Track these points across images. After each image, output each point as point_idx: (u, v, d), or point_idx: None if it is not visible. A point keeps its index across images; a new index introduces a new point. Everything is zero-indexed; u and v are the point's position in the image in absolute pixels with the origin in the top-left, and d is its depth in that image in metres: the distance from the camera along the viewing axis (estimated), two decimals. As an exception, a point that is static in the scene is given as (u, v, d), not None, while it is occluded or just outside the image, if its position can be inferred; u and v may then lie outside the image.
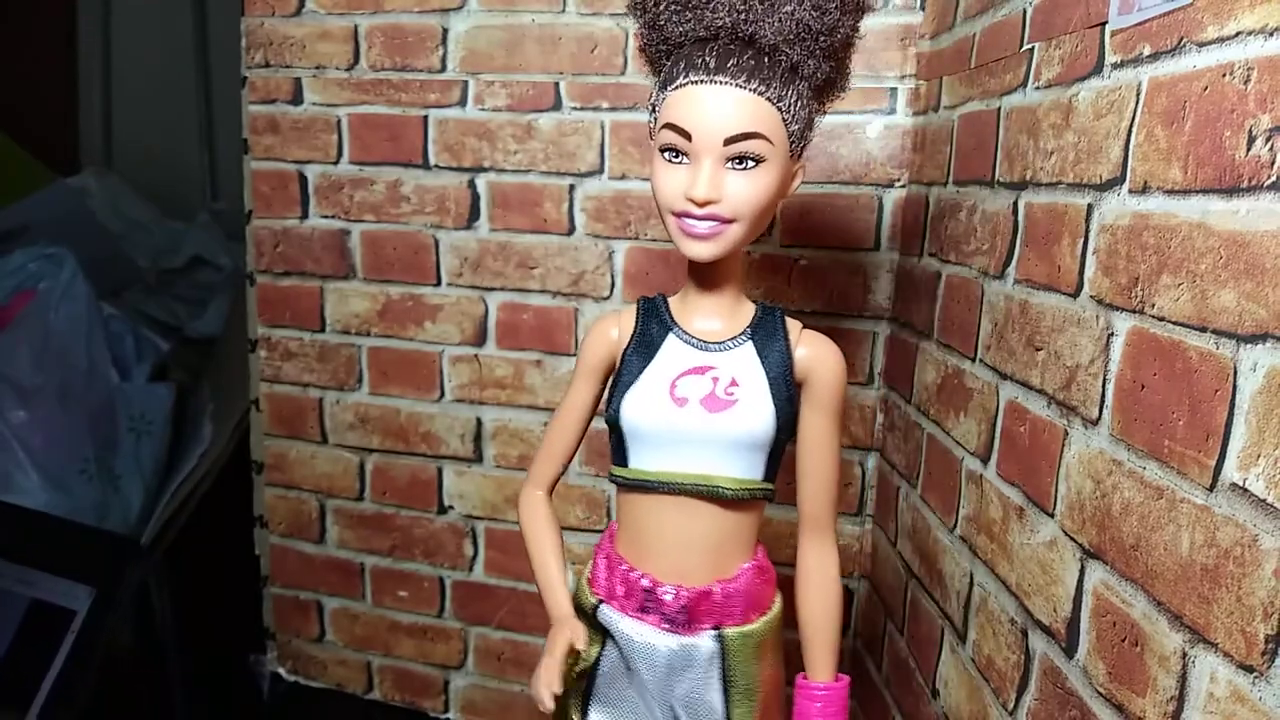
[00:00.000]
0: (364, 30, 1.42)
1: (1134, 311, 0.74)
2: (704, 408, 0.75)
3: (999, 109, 0.97)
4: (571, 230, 1.38)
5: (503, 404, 1.45)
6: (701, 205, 0.71)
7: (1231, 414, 0.58)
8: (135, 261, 2.48)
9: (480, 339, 1.45)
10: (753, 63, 0.69)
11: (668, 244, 1.34)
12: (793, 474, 0.82)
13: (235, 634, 1.69)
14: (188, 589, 1.65)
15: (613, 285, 1.36)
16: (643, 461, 0.78)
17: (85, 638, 1.32)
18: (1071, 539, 0.78)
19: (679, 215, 0.73)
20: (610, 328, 0.81)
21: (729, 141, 0.70)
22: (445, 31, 1.38)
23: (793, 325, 0.80)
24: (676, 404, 0.75)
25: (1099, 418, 0.76)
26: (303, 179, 1.49)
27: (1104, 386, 0.77)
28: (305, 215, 1.50)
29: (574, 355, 1.40)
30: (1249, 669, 0.55)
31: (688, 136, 0.70)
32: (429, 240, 1.45)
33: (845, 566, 1.37)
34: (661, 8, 0.73)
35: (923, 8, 1.23)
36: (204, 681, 1.57)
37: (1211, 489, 0.61)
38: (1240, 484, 0.57)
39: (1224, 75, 0.60)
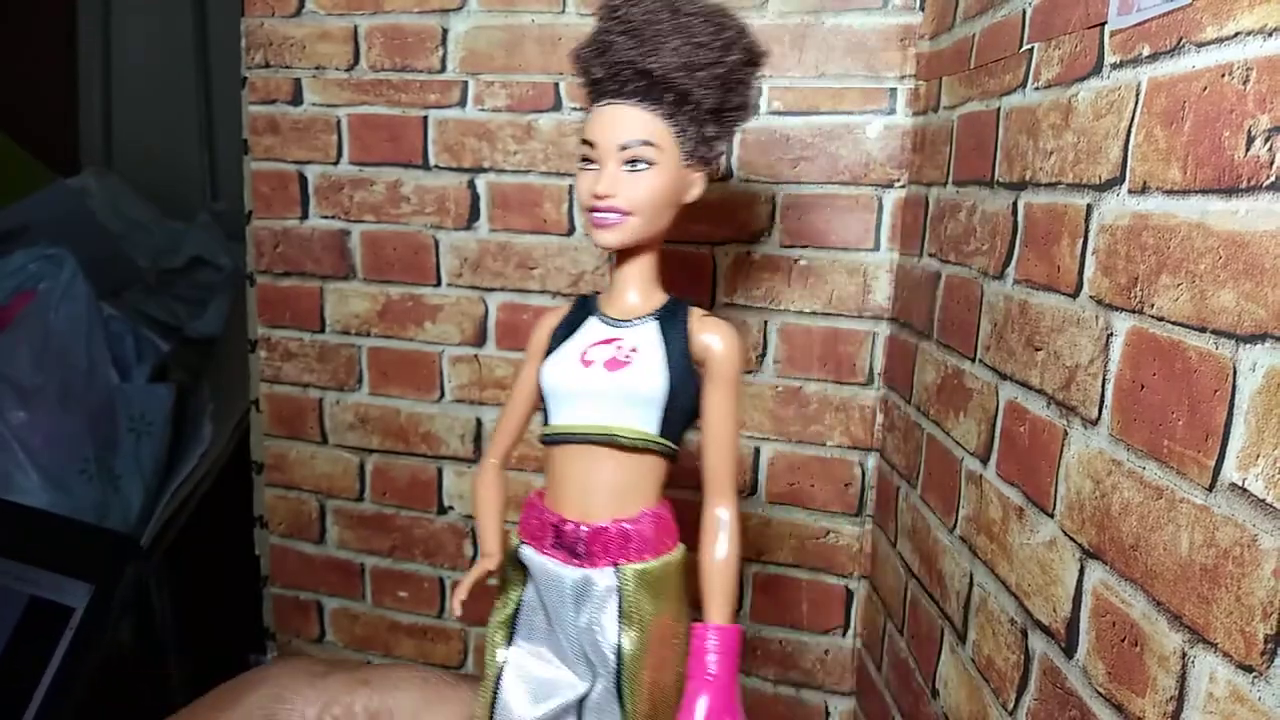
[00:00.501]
0: (364, 31, 1.42)
1: (1133, 311, 0.74)
2: (605, 368, 0.88)
3: (998, 109, 0.97)
4: (571, 231, 1.38)
5: (503, 404, 1.44)
6: (602, 199, 0.86)
7: (1231, 414, 0.58)
8: (135, 261, 2.48)
9: (480, 339, 1.45)
10: (645, 89, 0.86)
11: (667, 244, 1.33)
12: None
13: (235, 634, 1.69)
14: (188, 589, 1.66)
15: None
16: (558, 417, 0.91)
17: (83, 635, 1.32)
18: (1071, 539, 0.78)
19: (590, 210, 0.88)
20: (549, 318, 0.97)
21: (623, 147, 0.86)
22: (445, 32, 1.38)
23: (695, 312, 0.91)
24: (584, 365, 0.89)
25: (1098, 418, 0.76)
26: (302, 179, 1.49)
27: (1103, 386, 0.77)
28: (305, 216, 1.50)
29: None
30: (1248, 669, 0.55)
31: (593, 146, 0.88)
32: (429, 240, 1.45)
33: (846, 566, 1.37)
34: (587, 57, 0.90)
35: (922, 8, 1.23)
36: (204, 681, 1.57)
37: (1211, 489, 0.61)
38: (1239, 484, 0.57)
39: (1223, 75, 0.60)
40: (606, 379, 0.88)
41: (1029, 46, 0.91)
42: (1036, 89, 0.89)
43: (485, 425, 1.46)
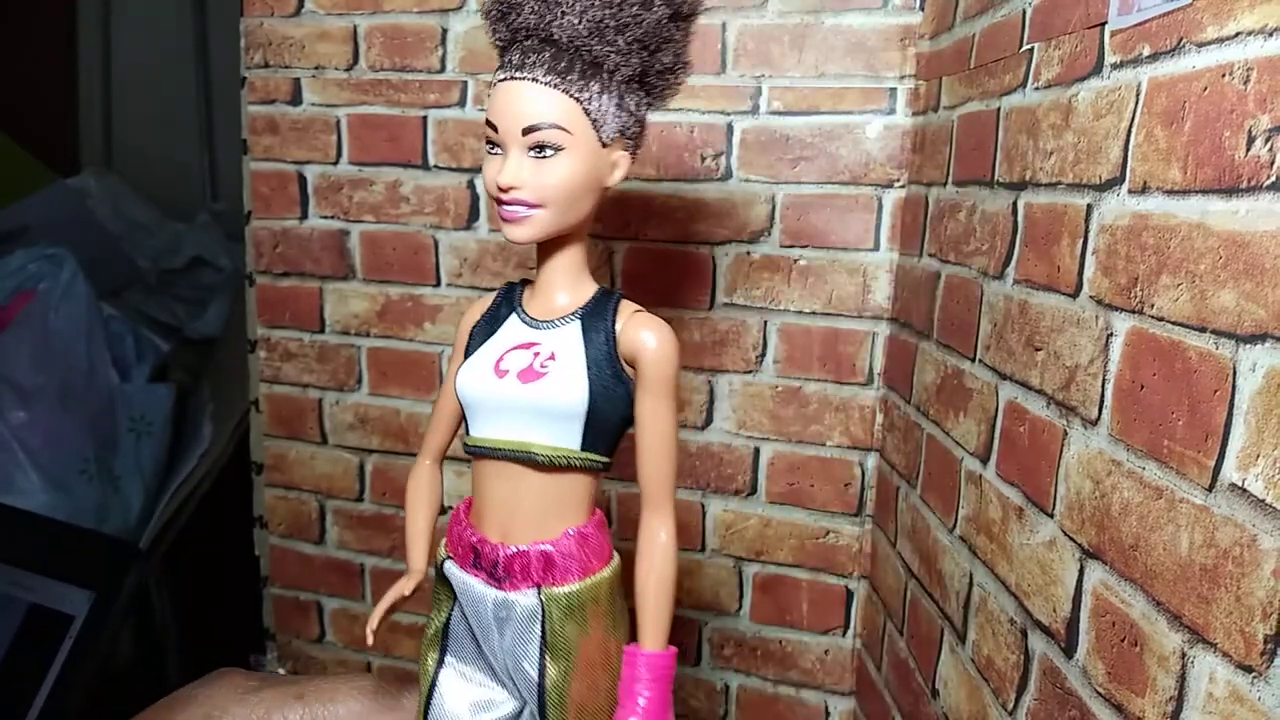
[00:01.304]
0: (363, 31, 1.42)
1: (1133, 312, 0.74)
2: (519, 379, 0.81)
3: (998, 109, 0.97)
4: (571, 230, 1.38)
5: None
6: (505, 191, 0.77)
7: (1231, 414, 0.58)
8: (135, 262, 2.48)
9: (480, 339, 1.45)
10: (551, 59, 0.76)
11: (667, 244, 1.34)
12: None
13: (235, 635, 1.69)
14: (187, 589, 1.66)
15: (612, 285, 1.36)
16: (476, 428, 0.85)
17: (83, 643, 1.32)
18: (1071, 539, 0.78)
19: (496, 202, 0.79)
20: (473, 310, 0.90)
21: (526, 132, 0.76)
22: (444, 32, 1.38)
23: (625, 308, 0.83)
24: (498, 376, 0.82)
25: (1098, 418, 0.76)
26: (302, 179, 1.49)
27: (1103, 387, 0.77)
28: (305, 216, 1.50)
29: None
30: (1248, 669, 0.55)
31: (495, 129, 0.78)
32: (428, 241, 1.45)
33: (845, 566, 1.37)
34: (490, 15, 0.81)
35: (922, 8, 1.23)
36: (204, 682, 1.57)
37: (1210, 489, 0.61)
38: (1239, 484, 0.57)
39: (1223, 75, 0.60)
40: (520, 392, 0.80)
41: (1029, 46, 0.91)
42: (1036, 89, 0.89)
43: (485, 425, 1.46)
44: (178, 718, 0.90)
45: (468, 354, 0.86)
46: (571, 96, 0.76)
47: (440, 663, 0.89)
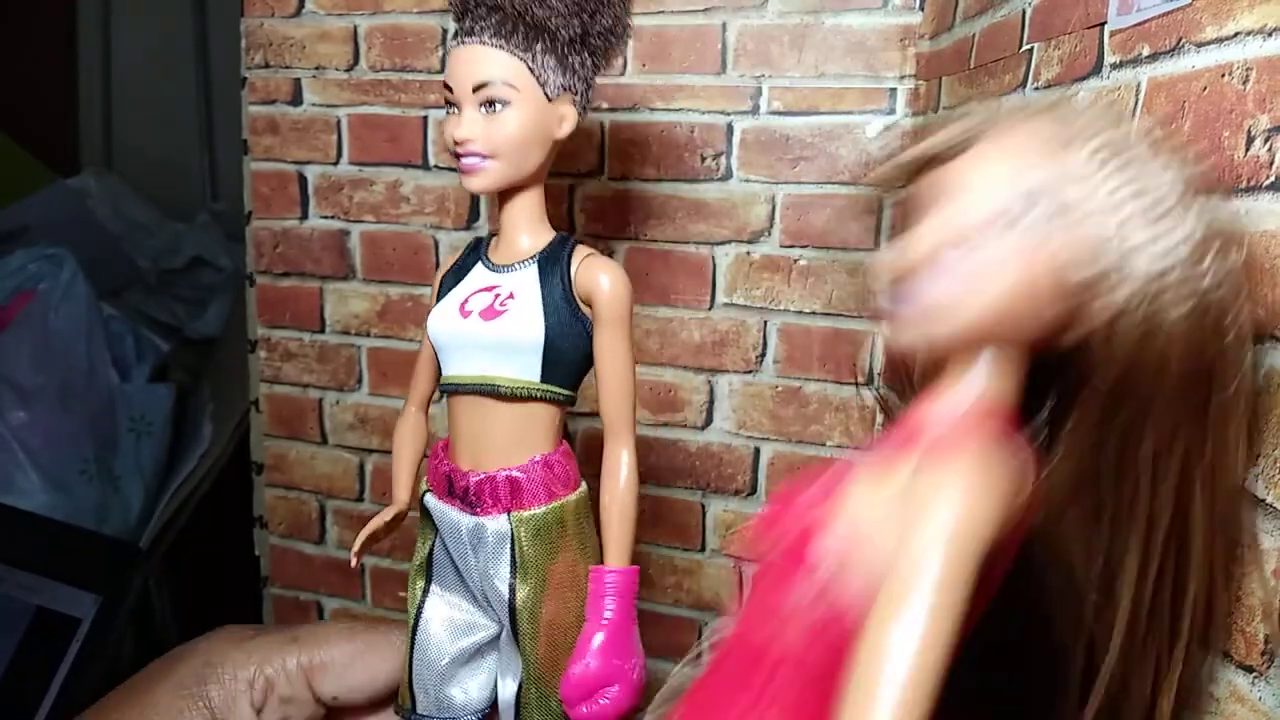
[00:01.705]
0: (363, 31, 1.42)
1: (1133, 312, 0.74)
2: (481, 318, 0.87)
3: (998, 109, 0.97)
4: (571, 231, 1.38)
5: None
6: (460, 144, 0.84)
7: (1231, 414, 0.58)
8: (135, 262, 2.48)
9: (480, 339, 1.45)
10: (498, 23, 0.83)
11: (667, 244, 1.34)
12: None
13: (235, 634, 1.69)
14: (187, 589, 1.66)
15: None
16: (447, 368, 0.90)
17: (90, 647, 1.32)
18: (1071, 539, 0.78)
19: (454, 156, 0.86)
20: (444, 266, 0.96)
21: (476, 89, 0.83)
22: (445, 32, 1.38)
23: (579, 252, 0.88)
24: (463, 316, 0.88)
25: (1098, 418, 0.76)
26: (302, 179, 1.49)
27: (1103, 387, 0.77)
28: (305, 216, 1.50)
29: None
30: (1248, 669, 0.55)
31: (450, 90, 0.85)
32: (429, 241, 1.45)
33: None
34: None
35: (922, 8, 1.23)
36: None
37: (1211, 489, 0.61)
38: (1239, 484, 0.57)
39: (1223, 75, 0.60)
40: (481, 329, 0.87)
41: (1029, 46, 0.91)
42: (1036, 89, 0.89)
43: (485, 425, 1.46)
44: (179, 668, 0.95)
45: (437, 301, 0.93)
46: (516, 56, 0.83)
47: (426, 591, 0.94)
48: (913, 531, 0.49)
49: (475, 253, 0.94)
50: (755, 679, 0.58)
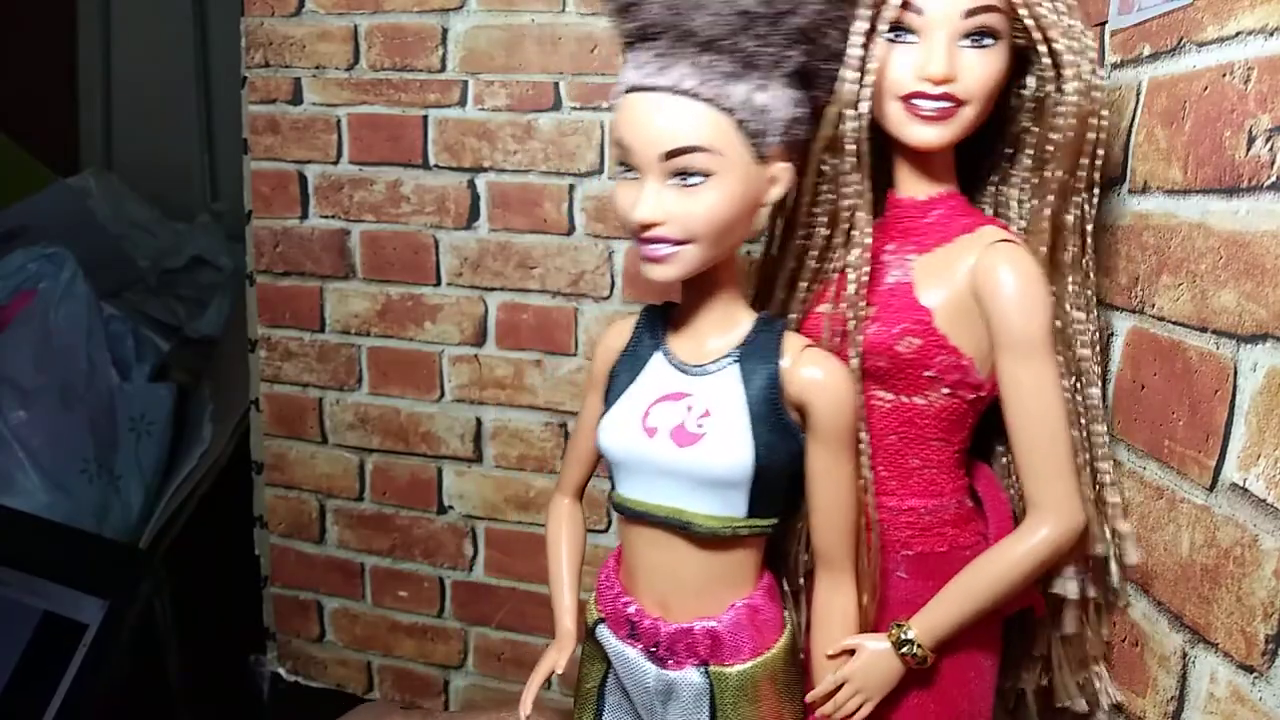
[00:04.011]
0: (364, 30, 1.42)
1: (1134, 311, 0.74)
2: (672, 440, 0.70)
3: (999, 109, 0.97)
4: (571, 230, 1.37)
5: (503, 404, 1.45)
6: (645, 229, 0.66)
7: (1231, 414, 0.58)
8: (135, 261, 2.48)
9: (480, 339, 1.45)
10: (693, 63, 0.63)
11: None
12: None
13: (235, 634, 1.69)
14: (188, 589, 1.65)
15: (612, 285, 1.36)
16: (625, 488, 0.75)
17: (96, 651, 1.31)
18: (1071, 539, 0.78)
19: (635, 237, 0.68)
20: (612, 340, 0.79)
21: (667, 156, 0.64)
22: (445, 31, 1.38)
23: (792, 343, 0.72)
24: (647, 434, 0.71)
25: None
26: (302, 179, 1.49)
27: (1104, 386, 0.77)
28: (305, 215, 1.50)
29: (573, 355, 1.40)
30: (1249, 669, 0.55)
31: (628, 151, 0.66)
32: (429, 240, 1.45)
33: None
34: (610, 7, 0.68)
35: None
36: (204, 681, 1.57)
37: (1211, 489, 0.61)
38: (1240, 484, 0.57)
39: (1224, 75, 0.60)
40: (674, 456, 0.69)
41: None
42: (1037, 89, 0.88)
43: (485, 425, 1.46)
44: None
45: (609, 395, 0.76)
46: (721, 108, 0.63)
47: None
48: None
49: (651, 334, 0.76)
50: None
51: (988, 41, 0.66)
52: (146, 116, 2.98)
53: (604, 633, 0.77)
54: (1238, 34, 0.59)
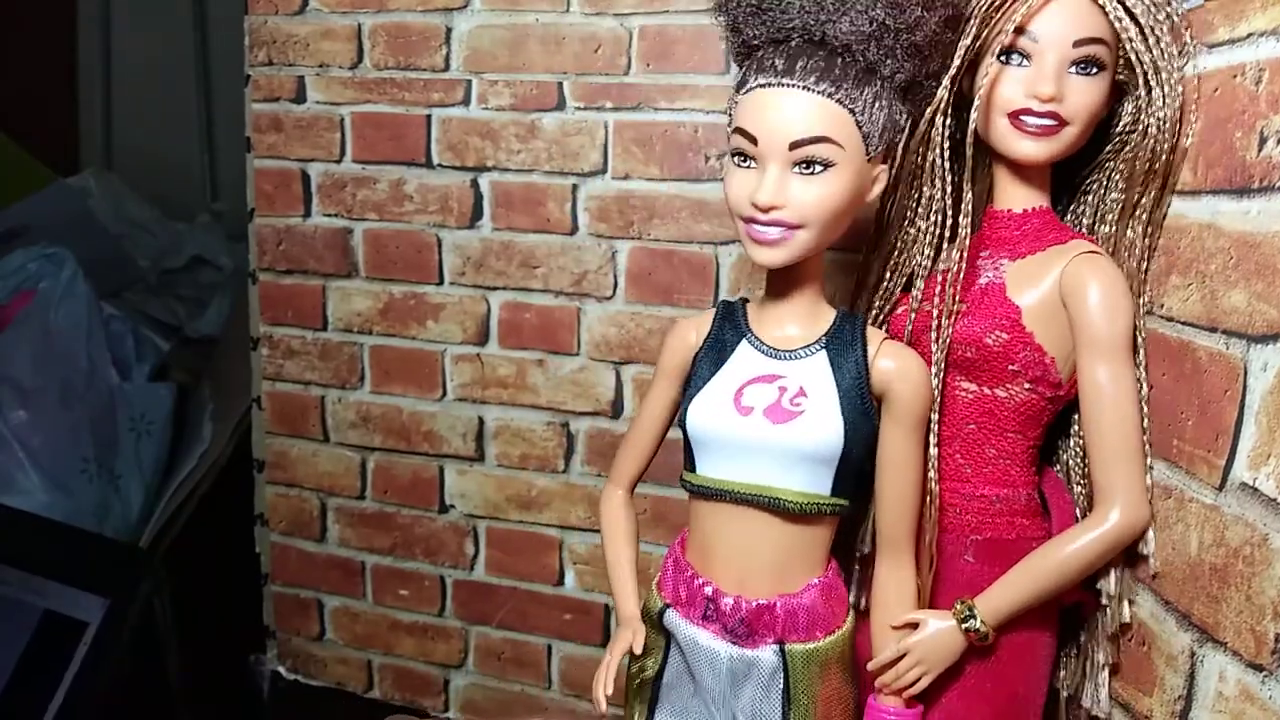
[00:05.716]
0: (367, 29, 1.42)
1: (1143, 312, 0.74)
2: (767, 418, 0.74)
3: (1004, 110, 0.97)
4: (574, 230, 1.38)
5: (505, 403, 1.44)
6: (765, 211, 0.71)
7: (1241, 414, 0.58)
8: (135, 261, 2.48)
9: (483, 338, 1.45)
10: (823, 64, 0.69)
11: (671, 244, 1.34)
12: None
13: (235, 632, 1.68)
14: (188, 588, 1.65)
15: (615, 285, 1.36)
16: (708, 468, 0.77)
17: (97, 650, 1.31)
18: (1078, 539, 0.78)
19: (746, 221, 0.73)
20: (689, 332, 0.82)
21: (794, 146, 0.70)
22: (449, 30, 1.38)
23: (873, 335, 0.77)
24: (741, 412, 0.75)
25: (1106, 418, 0.76)
26: (305, 177, 1.49)
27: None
28: (308, 214, 1.50)
29: (576, 355, 1.40)
30: (1258, 668, 0.55)
31: (754, 141, 0.71)
32: (431, 239, 1.45)
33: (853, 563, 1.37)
34: (738, 10, 0.73)
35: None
36: (204, 679, 1.56)
37: (1221, 488, 0.61)
38: (1250, 483, 0.57)
39: (1235, 76, 0.60)
40: (770, 433, 0.74)
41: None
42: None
43: (487, 424, 1.46)
44: None
45: (692, 383, 0.79)
46: (845, 107, 0.69)
47: (651, 716, 0.83)
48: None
49: (734, 324, 0.81)
50: None
51: (1093, 70, 0.72)
52: (146, 116, 2.98)
53: (673, 618, 0.79)
54: (1249, 35, 0.59)
